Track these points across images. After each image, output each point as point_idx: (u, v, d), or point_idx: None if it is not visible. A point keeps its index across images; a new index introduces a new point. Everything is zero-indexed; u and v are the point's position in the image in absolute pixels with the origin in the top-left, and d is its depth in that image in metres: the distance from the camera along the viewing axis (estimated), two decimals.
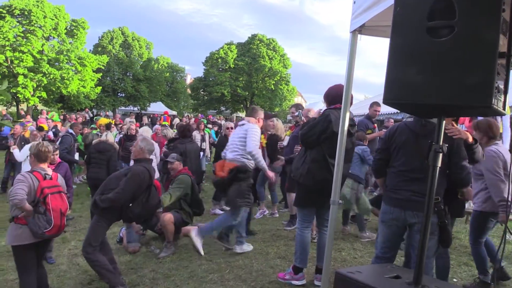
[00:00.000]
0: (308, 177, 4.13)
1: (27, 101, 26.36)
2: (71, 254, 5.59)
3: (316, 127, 4.16)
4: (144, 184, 4.47)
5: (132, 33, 40.32)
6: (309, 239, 4.39)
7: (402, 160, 3.38)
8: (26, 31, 26.25)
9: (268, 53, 41.25)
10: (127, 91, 36.38)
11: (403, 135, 3.43)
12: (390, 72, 2.17)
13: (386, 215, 3.43)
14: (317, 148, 4.16)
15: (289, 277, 4.38)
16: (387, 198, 3.47)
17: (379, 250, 3.52)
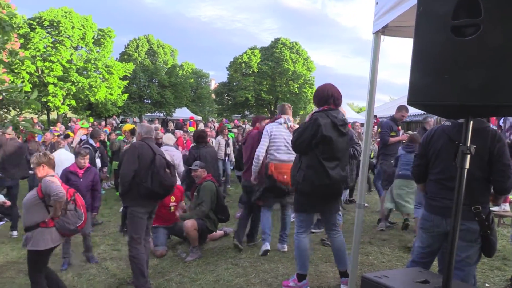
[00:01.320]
0: (305, 184, 4.03)
1: (57, 109, 27.10)
2: (100, 258, 5.71)
3: (305, 133, 4.03)
4: (144, 155, 4.43)
5: (157, 41, 40.96)
6: (306, 244, 4.26)
7: (440, 167, 3.25)
8: (55, 41, 27.03)
9: (292, 56, 41.16)
10: (153, 97, 36.94)
11: (440, 141, 3.28)
12: (415, 72, 2.13)
13: (426, 222, 3.32)
14: (311, 154, 4.03)
15: (293, 284, 4.28)
16: (428, 205, 3.36)
17: (416, 255, 3.41)
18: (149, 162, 4.43)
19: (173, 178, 4.66)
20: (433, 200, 3.28)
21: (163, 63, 40.48)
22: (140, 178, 4.37)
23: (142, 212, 4.49)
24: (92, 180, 5.69)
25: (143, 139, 4.72)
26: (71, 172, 5.55)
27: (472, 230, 3.04)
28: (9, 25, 2.25)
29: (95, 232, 6.92)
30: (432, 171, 3.32)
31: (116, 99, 29.72)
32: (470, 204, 2.99)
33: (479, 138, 2.91)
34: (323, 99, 4.12)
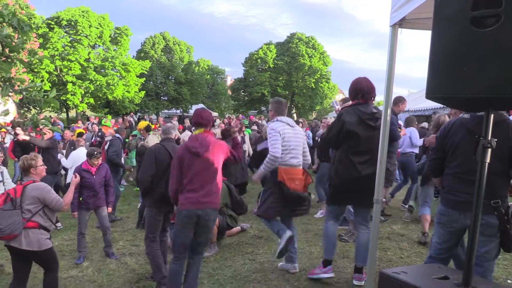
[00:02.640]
0: (336, 177, 4.18)
1: (76, 107, 27.57)
2: (119, 253, 5.78)
3: (332, 130, 4.22)
4: (160, 159, 4.41)
5: (173, 38, 41.22)
6: (333, 232, 4.41)
7: (458, 160, 3.20)
8: (73, 40, 27.46)
9: (308, 51, 40.95)
10: (169, 94, 37.25)
11: (458, 134, 3.21)
12: (433, 65, 2.09)
13: (443, 217, 3.28)
14: (341, 148, 4.17)
15: (318, 271, 4.42)
16: (444, 199, 3.31)
17: (433, 251, 3.38)
18: (165, 166, 4.40)
19: None
20: (450, 195, 3.22)
21: (179, 60, 40.74)
22: (156, 183, 4.40)
23: (157, 214, 4.55)
24: (104, 176, 5.76)
25: (162, 140, 4.75)
26: (84, 170, 5.61)
27: (491, 225, 2.99)
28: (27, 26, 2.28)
29: (114, 228, 7.02)
30: (449, 165, 3.27)
31: (133, 96, 30.08)
32: (489, 198, 2.91)
33: (499, 131, 2.82)
34: (353, 94, 4.22)
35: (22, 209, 3.78)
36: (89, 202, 5.52)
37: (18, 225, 3.72)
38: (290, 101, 43.17)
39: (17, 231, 3.72)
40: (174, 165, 3.94)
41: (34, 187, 3.89)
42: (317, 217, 7.40)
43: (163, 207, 4.56)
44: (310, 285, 4.25)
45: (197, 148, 3.87)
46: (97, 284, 4.80)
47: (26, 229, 3.78)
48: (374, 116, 4.10)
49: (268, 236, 6.22)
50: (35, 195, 3.84)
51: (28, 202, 3.81)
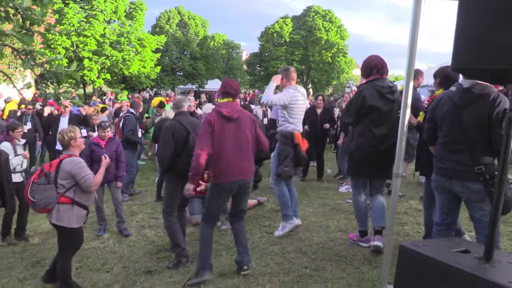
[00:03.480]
0: (357, 151, 4.33)
1: (93, 83, 27.74)
2: (139, 225, 5.90)
3: (352, 106, 4.35)
4: (178, 135, 4.40)
5: (188, 12, 40.83)
6: (363, 204, 4.56)
7: (445, 131, 3.43)
8: (89, 16, 27.39)
9: (324, 25, 40.21)
10: (185, 69, 37.14)
11: (444, 106, 3.44)
12: (459, 35, 2.02)
13: (435, 183, 3.54)
14: (362, 123, 4.31)
15: (356, 238, 4.70)
16: (435, 167, 3.54)
17: (437, 217, 3.63)
18: (183, 142, 4.41)
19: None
20: (439, 163, 3.47)
21: (194, 35, 40.45)
22: (175, 159, 4.41)
23: (176, 188, 4.57)
24: (115, 150, 5.73)
25: (175, 116, 4.71)
26: (94, 143, 5.65)
27: (475, 190, 3.21)
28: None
29: (133, 201, 7.15)
30: (439, 134, 3.51)
31: (149, 72, 30.08)
32: (473, 165, 3.19)
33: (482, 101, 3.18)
34: (368, 71, 4.36)
35: (57, 184, 3.78)
36: None
37: (52, 199, 3.73)
38: (306, 75, 42.73)
39: (51, 205, 3.73)
40: (203, 133, 3.75)
41: (68, 162, 3.85)
42: (341, 191, 7.41)
43: (182, 181, 4.60)
44: (328, 257, 4.29)
45: (229, 112, 3.77)
46: (118, 255, 4.93)
47: (59, 204, 3.78)
48: (392, 90, 4.34)
49: None
50: (68, 170, 3.80)
51: (62, 176, 3.79)
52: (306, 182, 8.25)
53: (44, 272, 4.22)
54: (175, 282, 3.98)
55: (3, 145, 5.27)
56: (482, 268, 2.05)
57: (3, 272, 4.55)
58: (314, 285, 3.64)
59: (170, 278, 4.12)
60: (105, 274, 4.40)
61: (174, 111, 4.85)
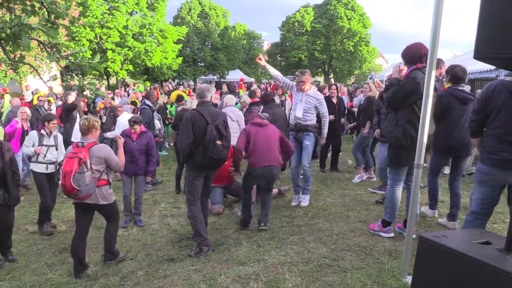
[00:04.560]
0: (405, 138, 4.22)
1: (116, 74, 28.11)
2: (161, 215, 6.02)
3: (402, 89, 4.20)
4: (197, 126, 4.44)
5: (209, 2, 40.80)
6: (399, 196, 4.57)
7: (500, 122, 3.32)
8: (111, 8, 27.65)
9: (347, 13, 39.57)
10: (206, 60, 37.23)
11: (500, 97, 3.30)
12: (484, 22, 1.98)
13: (484, 175, 3.45)
14: (409, 109, 4.20)
15: (378, 228, 4.66)
16: (485, 158, 3.45)
17: (475, 207, 3.56)
18: (202, 133, 4.44)
19: (224, 151, 4.61)
20: (493, 154, 3.37)
21: (215, 25, 40.44)
22: (194, 149, 4.46)
23: (196, 177, 4.64)
24: (146, 144, 5.81)
25: (198, 105, 4.74)
26: (127, 135, 5.74)
27: None
28: None
29: (156, 191, 7.29)
30: (491, 126, 3.41)
31: (171, 63, 30.27)
32: None
33: None
34: (417, 58, 4.23)
35: (92, 170, 4.16)
36: (128, 167, 5.55)
37: (92, 185, 4.12)
38: (328, 65, 42.28)
39: (92, 190, 4.14)
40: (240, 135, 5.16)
41: (99, 148, 4.28)
42: (355, 181, 7.38)
43: (202, 171, 4.66)
44: (347, 248, 4.30)
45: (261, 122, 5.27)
46: (141, 243, 5.05)
47: (99, 187, 4.24)
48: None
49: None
50: (101, 155, 4.23)
51: (95, 162, 4.19)
52: (327, 173, 8.23)
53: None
54: (197, 270, 4.05)
55: (31, 134, 5.61)
56: (503, 259, 2.03)
57: (32, 258, 4.73)
58: (333, 275, 3.65)
59: (192, 266, 4.20)
60: (129, 261, 4.53)
61: (197, 100, 4.87)
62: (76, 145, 4.21)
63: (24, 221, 5.91)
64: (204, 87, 4.88)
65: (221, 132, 4.60)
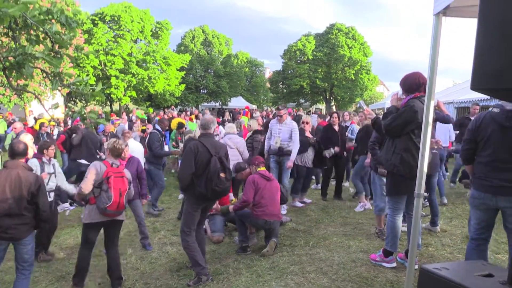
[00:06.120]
0: (403, 166, 4.22)
1: (119, 100, 28.42)
2: (161, 242, 5.96)
3: (400, 118, 4.23)
4: (200, 157, 4.44)
5: (212, 31, 41.58)
6: (399, 225, 4.55)
7: (489, 151, 3.54)
8: (116, 35, 28.24)
9: (348, 42, 40.19)
10: (209, 87, 37.66)
11: (489, 127, 3.55)
12: (480, 54, 2.00)
13: (476, 200, 3.62)
14: (406, 137, 4.24)
15: (379, 259, 4.60)
16: (477, 184, 3.63)
17: (473, 232, 3.69)
18: (205, 165, 4.44)
19: (227, 184, 4.62)
20: (483, 180, 3.56)
21: (218, 53, 41.09)
22: (196, 181, 4.44)
23: (196, 208, 4.61)
24: (136, 169, 5.84)
25: (200, 137, 4.77)
26: None
27: None
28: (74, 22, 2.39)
29: (156, 218, 7.23)
30: (481, 153, 3.62)
31: (173, 89, 30.64)
32: None
33: None
34: (415, 86, 4.29)
35: None
36: None
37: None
38: (329, 93, 42.62)
39: None
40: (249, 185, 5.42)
41: (127, 172, 4.69)
42: (358, 210, 7.32)
43: (202, 202, 4.64)
44: (348, 278, 4.23)
45: (268, 175, 5.66)
46: (139, 272, 4.98)
47: None
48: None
49: (306, 229, 6.22)
50: (130, 177, 4.65)
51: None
52: (328, 201, 8.18)
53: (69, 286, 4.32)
54: None
55: (30, 161, 5.42)
56: None
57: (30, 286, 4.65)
58: None
59: None
60: None
61: (200, 131, 4.90)
62: (109, 164, 4.44)
63: None
64: (209, 119, 4.90)
65: (224, 164, 4.62)
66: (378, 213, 5.65)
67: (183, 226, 4.62)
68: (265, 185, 5.48)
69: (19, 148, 3.99)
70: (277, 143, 7.10)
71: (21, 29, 2.28)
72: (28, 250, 3.95)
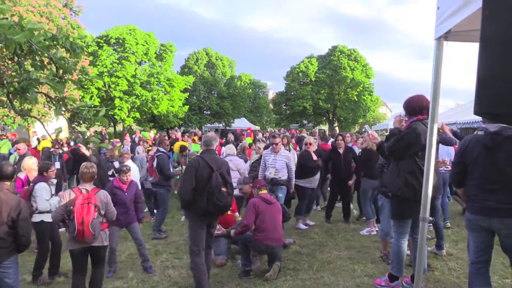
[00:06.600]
0: (407, 189, 4.20)
1: (123, 121, 28.53)
2: (163, 266, 5.88)
3: (402, 140, 4.24)
4: (201, 172, 4.43)
5: (215, 53, 42.03)
6: (405, 249, 4.49)
7: (478, 173, 3.55)
8: (121, 57, 28.53)
9: (350, 64, 40.53)
10: (212, 108, 37.85)
11: (476, 150, 3.57)
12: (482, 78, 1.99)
13: (471, 222, 3.61)
14: (410, 160, 4.22)
15: (385, 284, 4.55)
16: (471, 207, 3.63)
17: (472, 255, 3.64)
18: (206, 180, 4.42)
19: (228, 198, 4.59)
20: (476, 202, 3.55)
21: (221, 75, 41.44)
22: (197, 197, 4.42)
23: (200, 225, 4.58)
24: (135, 193, 5.81)
25: (202, 152, 4.79)
26: (116, 187, 5.66)
27: None
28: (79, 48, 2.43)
29: (158, 241, 7.16)
30: (471, 176, 3.62)
31: (177, 111, 30.77)
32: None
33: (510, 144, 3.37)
34: (418, 109, 4.31)
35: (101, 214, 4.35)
36: (121, 219, 5.45)
37: (99, 228, 4.31)
38: (332, 114, 42.75)
39: (99, 233, 4.32)
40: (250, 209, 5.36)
41: (103, 194, 4.44)
42: (363, 233, 7.23)
43: (205, 218, 4.60)
44: None
45: (269, 199, 5.59)
46: None
47: (103, 230, 4.43)
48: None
49: (310, 252, 6.15)
50: (104, 200, 4.40)
51: (101, 207, 4.34)
52: (332, 223, 8.10)
53: None
54: None
55: (40, 185, 5.37)
56: None
57: None
58: None
59: None
60: None
61: (202, 147, 4.93)
62: (80, 191, 4.28)
63: (22, 270, 5.78)
64: (211, 136, 4.93)
65: (226, 179, 4.61)
66: (384, 237, 5.57)
67: (192, 245, 4.59)
68: (266, 209, 5.43)
69: (7, 171, 3.95)
70: (271, 174, 7.07)
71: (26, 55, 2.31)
72: (9, 273, 3.85)
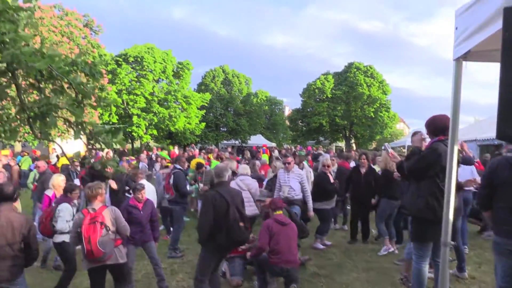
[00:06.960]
0: (428, 211, 4.11)
1: (140, 138, 28.89)
2: (178, 286, 5.84)
3: (423, 160, 4.17)
4: (218, 206, 4.40)
5: (232, 71, 42.43)
6: (426, 272, 4.37)
7: (508, 195, 3.44)
8: (139, 75, 29.04)
9: (366, 80, 40.40)
10: (228, 125, 38.07)
11: (505, 171, 3.47)
12: (505, 99, 1.95)
13: (499, 246, 3.47)
14: (430, 181, 4.14)
15: None
16: (499, 230, 3.50)
17: (500, 280, 3.50)
18: (223, 214, 4.40)
19: (246, 233, 4.59)
20: (504, 225, 3.43)
21: (238, 92, 41.73)
22: (215, 233, 4.37)
23: (212, 258, 4.54)
24: (150, 212, 5.74)
25: (216, 186, 4.73)
26: (132, 206, 5.63)
27: None
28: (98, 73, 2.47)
29: (174, 260, 7.13)
30: (499, 199, 3.50)
31: (194, 128, 31.05)
32: None
33: None
34: (440, 129, 4.23)
35: (111, 231, 4.33)
36: (136, 238, 5.46)
37: (112, 245, 4.32)
38: (349, 131, 42.51)
39: (112, 251, 4.33)
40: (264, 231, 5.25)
41: (110, 210, 4.46)
42: (381, 254, 7.08)
43: (222, 252, 4.57)
44: None
45: (284, 220, 5.42)
46: None
47: (117, 247, 4.44)
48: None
49: (327, 274, 6.04)
50: (113, 216, 4.43)
51: (111, 224, 4.35)
52: (350, 244, 7.96)
53: None
54: None
55: (64, 206, 5.45)
56: None
57: None
58: None
59: None
60: None
61: (215, 180, 4.86)
62: (87, 211, 4.32)
63: None
64: (222, 167, 4.91)
65: (242, 214, 4.62)
66: (407, 256, 5.44)
67: (198, 274, 4.52)
68: (281, 231, 5.32)
69: (8, 191, 3.98)
70: (285, 193, 7.03)
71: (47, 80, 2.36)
72: None
